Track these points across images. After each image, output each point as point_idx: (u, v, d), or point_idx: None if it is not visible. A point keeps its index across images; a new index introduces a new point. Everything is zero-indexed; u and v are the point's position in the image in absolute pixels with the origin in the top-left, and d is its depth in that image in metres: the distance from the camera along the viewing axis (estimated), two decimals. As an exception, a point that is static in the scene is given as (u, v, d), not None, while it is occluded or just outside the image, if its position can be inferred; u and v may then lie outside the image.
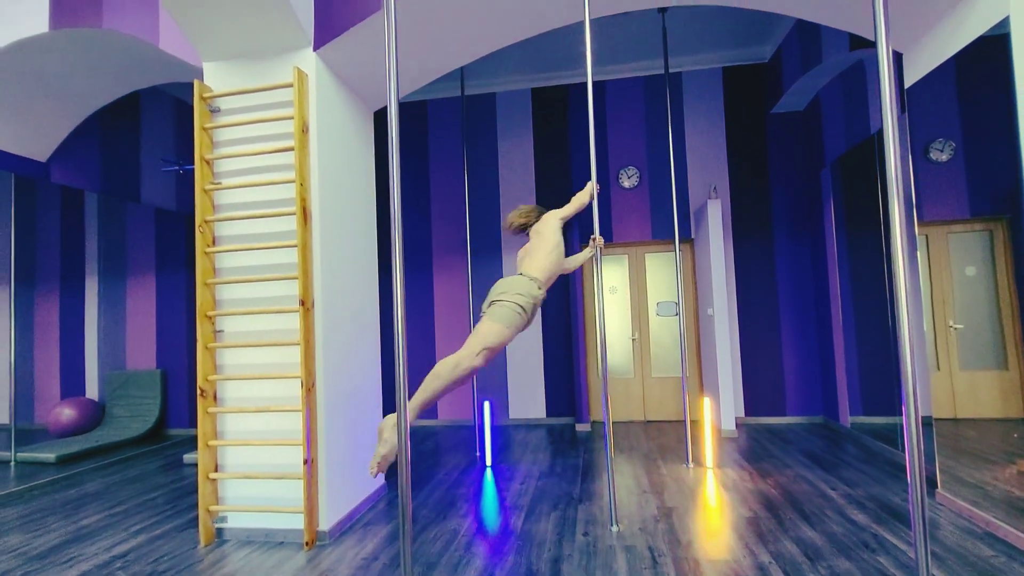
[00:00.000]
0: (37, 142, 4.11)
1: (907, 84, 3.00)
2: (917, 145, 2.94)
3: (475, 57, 3.32)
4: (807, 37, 4.20)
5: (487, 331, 2.06)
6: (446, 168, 5.52)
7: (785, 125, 5.00)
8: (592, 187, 2.69)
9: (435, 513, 2.96)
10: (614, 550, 2.43)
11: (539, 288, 2.27)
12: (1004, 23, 2.32)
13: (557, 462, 3.88)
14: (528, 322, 2.24)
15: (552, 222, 2.52)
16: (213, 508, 2.69)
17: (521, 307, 2.13)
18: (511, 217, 2.64)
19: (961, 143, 2.76)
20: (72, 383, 5.40)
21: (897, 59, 3.14)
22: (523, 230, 2.64)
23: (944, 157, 2.85)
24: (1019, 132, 2.29)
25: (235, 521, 2.74)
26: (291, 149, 2.69)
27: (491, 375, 5.35)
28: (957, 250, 2.86)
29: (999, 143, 2.44)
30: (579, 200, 2.65)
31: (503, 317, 2.09)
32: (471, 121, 5.50)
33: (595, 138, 5.26)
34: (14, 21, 3.24)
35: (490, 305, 2.17)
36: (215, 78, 2.87)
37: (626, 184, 5.22)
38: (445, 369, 2.02)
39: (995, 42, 2.39)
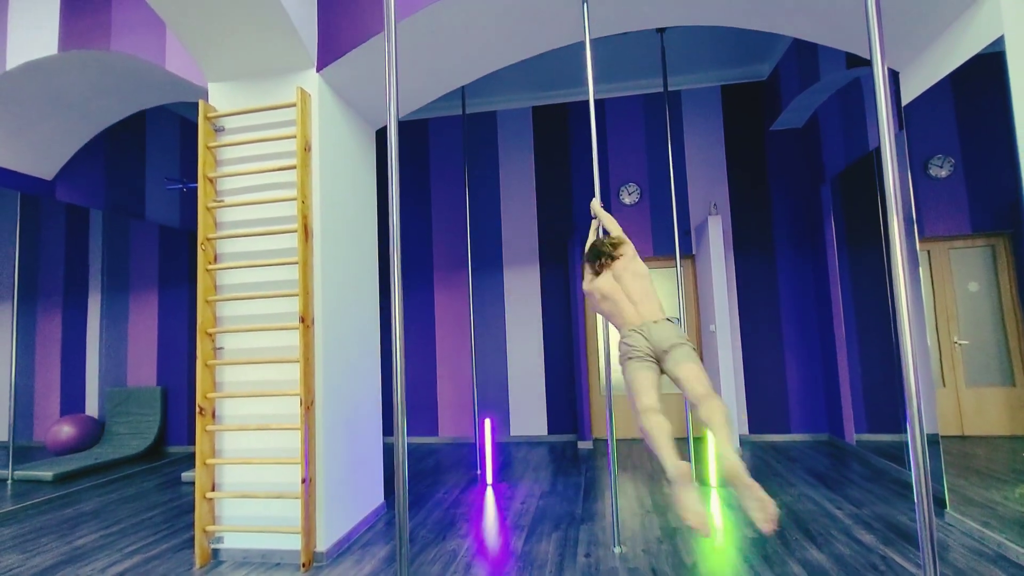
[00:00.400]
0: (43, 161, 4.16)
1: (905, 101, 3.03)
2: (916, 161, 2.95)
3: (476, 77, 3.37)
4: (804, 56, 4.25)
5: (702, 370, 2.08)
6: (448, 185, 5.57)
7: (784, 142, 5.04)
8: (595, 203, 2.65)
9: (434, 533, 2.91)
10: (616, 572, 2.38)
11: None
12: (999, 42, 2.34)
13: (559, 480, 3.83)
14: None
15: (635, 252, 2.35)
16: (209, 528, 2.66)
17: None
18: (602, 248, 2.36)
19: (960, 159, 2.77)
20: (72, 400, 5.39)
21: (894, 77, 3.18)
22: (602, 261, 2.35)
23: (944, 173, 2.86)
24: (1018, 148, 2.30)
25: (231, 542, 2.70)
26: (293, 167, 2.72)
27: (492, 392, 5.31)
28: (959, 266, 2.85)
29: (998, 159, 2.45)
30: (614, 228, 2.51)
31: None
32: (472, 139, 5.56)
33: (596, 155, 5.30)
34: (24, 44, 3.31)
35: (675, 347, 2.09)
36: (220, 98, 2.91)
37: (627, 201, 5.25)
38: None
39: (991, 60, 2.41)
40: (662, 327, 2.11)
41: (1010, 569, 2.27)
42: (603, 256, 2.31)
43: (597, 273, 2.34)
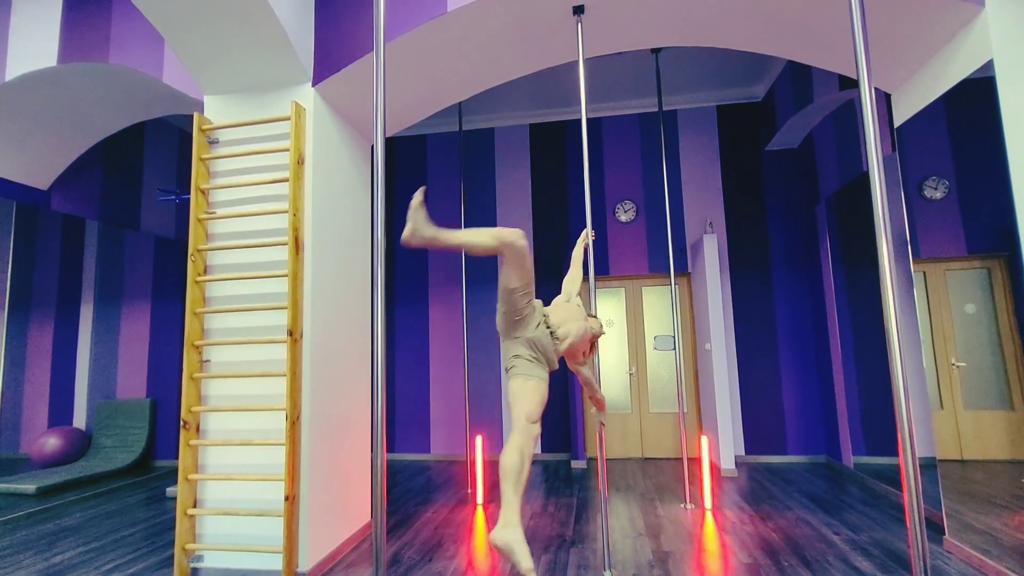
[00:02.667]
0: (39, 171, 4.17)
1: (897, 123, 3.04)
2: (911, 183, 2.95)
3: (471, 94, 3.39)
4: (798, 77, 4.29)
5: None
6: (445, 201, 5.58)
7: (780, 162, 5.06)
8: (586, 234, 2.58)
9: (421, 555, 2.84)
10: (606, 598, 2.31)
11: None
12: (990, 66, 2.36)
13: (550, 501, 3.76)
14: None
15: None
16: (189, 546, 2.59)
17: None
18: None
19: (955, 181, 2.77)
20: (60, 411, 5.32)
21: (885, 99, 3.20)
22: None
23: (938, 195, 2.86)
24: (1010, 171, 2.30)
25: (212, 560, 2.63)
26: (286, 180, 2.72)
27: (485, 409, 5.25)
28: (956, 287, 2.83)
29: (992, 181, 2.45)
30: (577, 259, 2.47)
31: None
32: (470, 155, 5.59)
33: (592, 173, 5.32)
34: (24, 55, 3.34)
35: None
36: (215, 110, 2.92)
37: (623, 218, 5.25)
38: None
39: (983, 84, 2.42)
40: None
41: (1010, 600, 2.20)
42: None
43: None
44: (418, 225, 1.63)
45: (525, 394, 1.76)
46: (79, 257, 5.52)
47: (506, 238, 1.64)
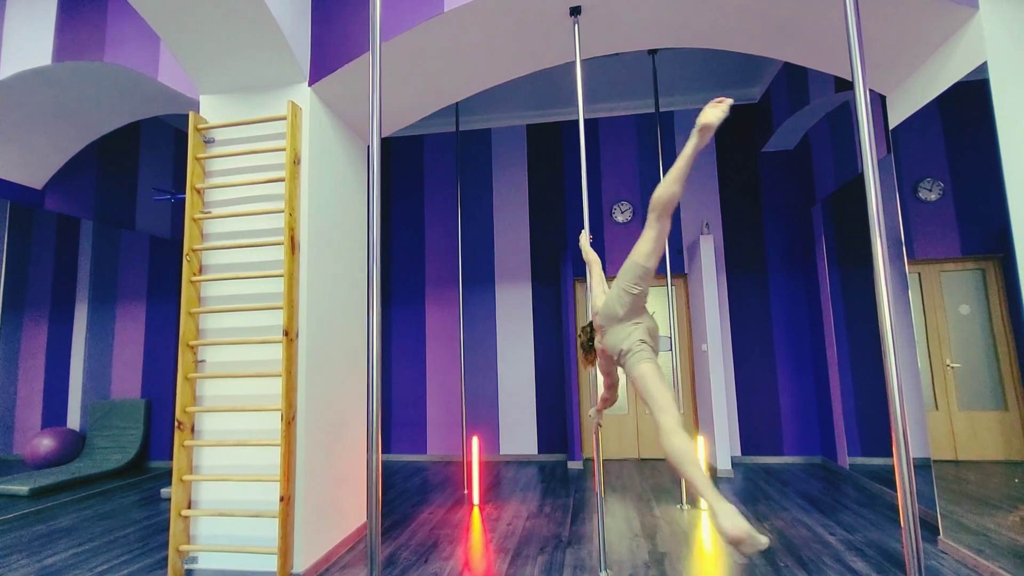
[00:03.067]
0: (34, 170, 4.14)
1: (892, 125, 3.05)
2: (906, 184, 2.96)
3: (468, 94, 3.39)
4: (794, 79, 4.31)
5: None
6: (441, 201, 5.57)
7: (776, 163, 5.08)
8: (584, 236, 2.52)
9: (416, 555, 2.83)
10: (601, 598, 2.31)
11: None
12: (984, 69, 2.37)
13: (547, 501, 3.75)
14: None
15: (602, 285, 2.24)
16: (183, 548, 2.58)
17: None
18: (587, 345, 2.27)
19: (950, 183, 2.78)
20: (54, 412, 5.29)
21: (880, 101, 3.21)
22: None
23: (933, 196, 2.87)
24: (1004, 173, 2.31)
25: (206, 562, 2.62)
26: (282, 180, 2.71)
27: (482, 410, 5.24)
28: (950, 288, 2.84)
29: (987, 183, 2.46)
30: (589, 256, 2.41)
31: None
32: (467, 156, 5.59)
33: (589, 173, 5.32)
34: (19, 54, 3.32)
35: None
36: (211, 110, 2.91)
37: (620, 219, 5.26)
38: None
39: (977, 86, 2.44)
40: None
41: (1004, 600, 2.21)
42: (589, 347, 2.22)
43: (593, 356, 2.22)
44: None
45: (661, 378, 1.70)
46: (74, 257, 5.50)
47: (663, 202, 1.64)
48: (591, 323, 2.21)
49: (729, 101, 1.54)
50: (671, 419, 1.61)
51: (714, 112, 1.54)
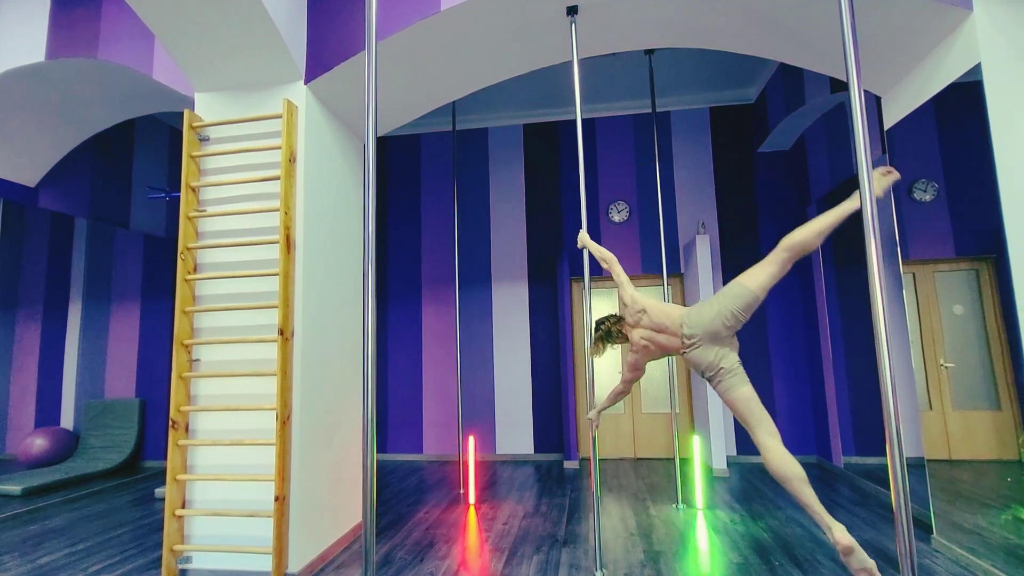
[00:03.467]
0: (26, 167, 4.11)
1: (887, 126, 3.07)
2: (901, 185, 2.97)
3: (465, 93, 3.38)
4: (790, 80, 4.32)
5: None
6: (438, 201, 5.57)
7: (772, 163, 5.09)
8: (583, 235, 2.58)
9: (412, 555, 2.83)
10: (597, 598, 2.31)
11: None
12: (978, 71, 2.39)
13: (543, 501, 3.75)
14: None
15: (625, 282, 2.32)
16: (177, 547, 2.56)
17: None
18: (608, 334, 2.34)
19: (944, 184, 2.80)
20: (47, 412, 5.25)
21: (875, 102, 3.22)
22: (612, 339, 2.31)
23: (928, 197, 2.88)
24: (997, 174, 2.33)
25: (200, 561, 2.61)
26: (277, 178, 2.70)
27: (478, 409, 5.24)
28: (944, 289, 2.86)
29: (980, 184, 2.47)
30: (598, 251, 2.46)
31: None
32: (463, 155, 5.58)
33: (585, 173, 5.32)
34: (11, 50, 3.30)
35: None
36: (206, 108, 2.90)
37: (616, 218, 5.26)
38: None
39: (972, 88, 2.45)
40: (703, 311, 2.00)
41: (997, 598, 2.22)
42: (612, 337, 2.27)
43: (622, 339, 2.30)
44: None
45: (759, 401, 1.83)
46: (67, 255, 5.46)
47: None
48: (618, 316, 2.27)
49: (897, 175, 1.74)
50: (776, 440, 1.76)
51: (881, 183, 1.72)
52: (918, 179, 2.91)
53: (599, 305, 5.30)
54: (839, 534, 1.61)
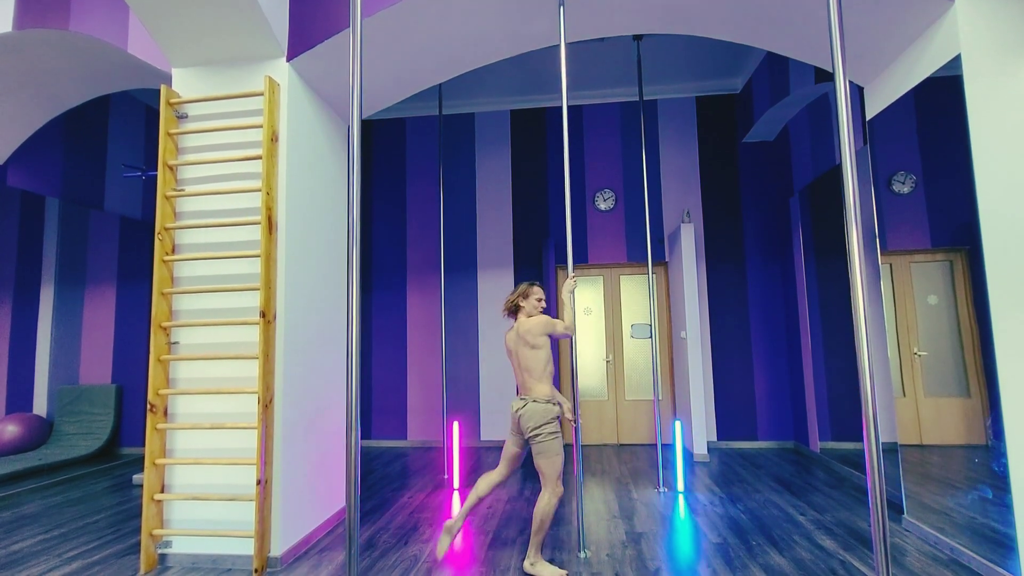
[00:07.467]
0: (-6, 144, 3.95)
1: (869, 116, 3.11)
2: (881, 177, 3.02)
3: (450, 76, 3.33)
4: (775, 70, 4.35)
5: (549, 466, 2.35)
6: (424, 186, 5.51)
7: (756, 154, 5.14)
8: (571, 284, 2.63)
9: (396, 538, 2.83)
10: (579, 578, 2.34)
11: (554, 404, 2.45)
12: (956, 61, 2.42)
13: (527, 485, 3.79)
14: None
15: (543, 331, 2.44)
16: (157, 532, 2.53)
17: (554, 432, 2.39)
18: (508, 301, 2.57)
19: (921, 176, 2.85)
20: (18, 398, 5.12)
21: (858, 92, 3.26)
22: (514, 313, 2.57)
23: (906, 189, 2.94)
24: (974, 167, 2.38)
25: (180, 546, 2.58)
26: (259, 158, 2.64)
27: (463, 395, 5.25)
28: (920, 279, 2.92)
29: (957, 178, 2.52)
30: (568, 319, 2.53)
31: (551, 449, 2.36)
32: (449, 140, 5.52)
33: (572, 161, 5.32)
34: (-24, 19, 3.14)
35: (530, 440, 2.41)
36: (184, 84, 2.81)
37: (602, 206, 5.27)
38: (548, 509, 2.36)
39: (951, 81, 2.49)
40: (525, 416, 2.41)
41: (962, 573, 2.31)
42: (511, 308, 2.58)
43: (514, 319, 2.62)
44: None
45: None
46: (38, 236, 5.29)
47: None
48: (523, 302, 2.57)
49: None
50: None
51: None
52: (897, 171, 2.96)
53: (583, 293, 5.32)
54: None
